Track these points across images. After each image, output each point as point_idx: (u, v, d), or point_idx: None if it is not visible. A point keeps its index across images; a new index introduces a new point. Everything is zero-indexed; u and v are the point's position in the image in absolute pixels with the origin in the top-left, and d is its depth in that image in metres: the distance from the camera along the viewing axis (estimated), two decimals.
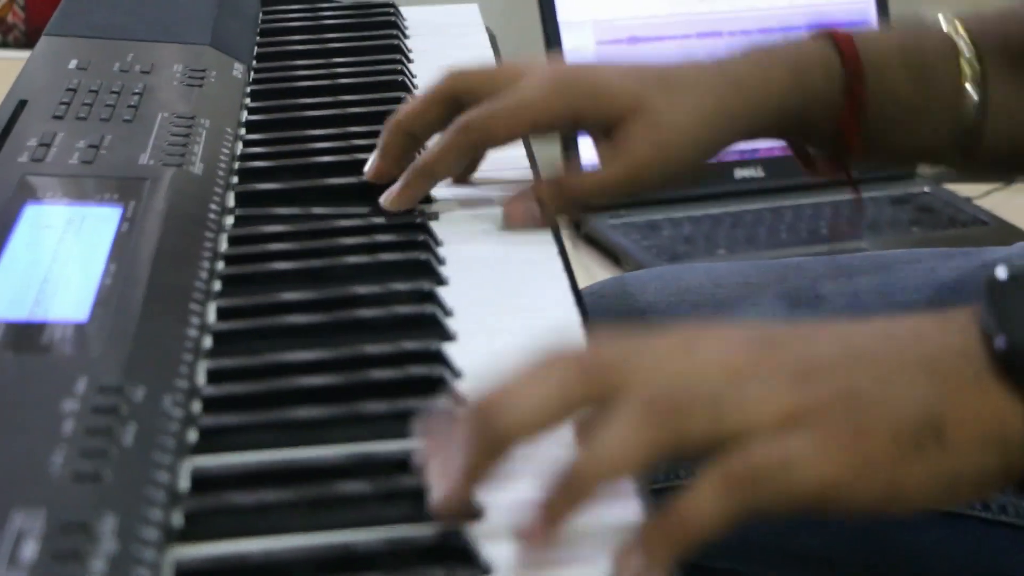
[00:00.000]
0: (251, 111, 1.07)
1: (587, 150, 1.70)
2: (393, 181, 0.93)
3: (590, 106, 0.93)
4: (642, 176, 0.94)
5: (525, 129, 0.96)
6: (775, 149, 1.82)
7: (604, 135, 0.94)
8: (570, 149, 1.68)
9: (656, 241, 1.69)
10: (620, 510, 0.62)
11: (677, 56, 0.99)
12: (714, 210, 1.75)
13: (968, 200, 1.80)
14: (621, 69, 0.97)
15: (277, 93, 1.11)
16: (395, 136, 0.94)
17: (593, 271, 1.66)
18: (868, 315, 0.67)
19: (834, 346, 0.65)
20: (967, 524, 0.99)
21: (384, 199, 0.92)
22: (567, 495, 0.60)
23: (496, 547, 0.60)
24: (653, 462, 0.61)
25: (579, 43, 1.77)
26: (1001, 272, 0.65)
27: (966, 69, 1.00)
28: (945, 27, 1.01)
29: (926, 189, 1.82)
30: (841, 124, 0.98)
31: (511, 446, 0.61)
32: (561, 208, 0.95)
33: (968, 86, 0.99)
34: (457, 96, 0.94)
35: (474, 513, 0.62)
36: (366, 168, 0.94)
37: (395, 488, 0.64)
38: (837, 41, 0.98)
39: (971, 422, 0.62)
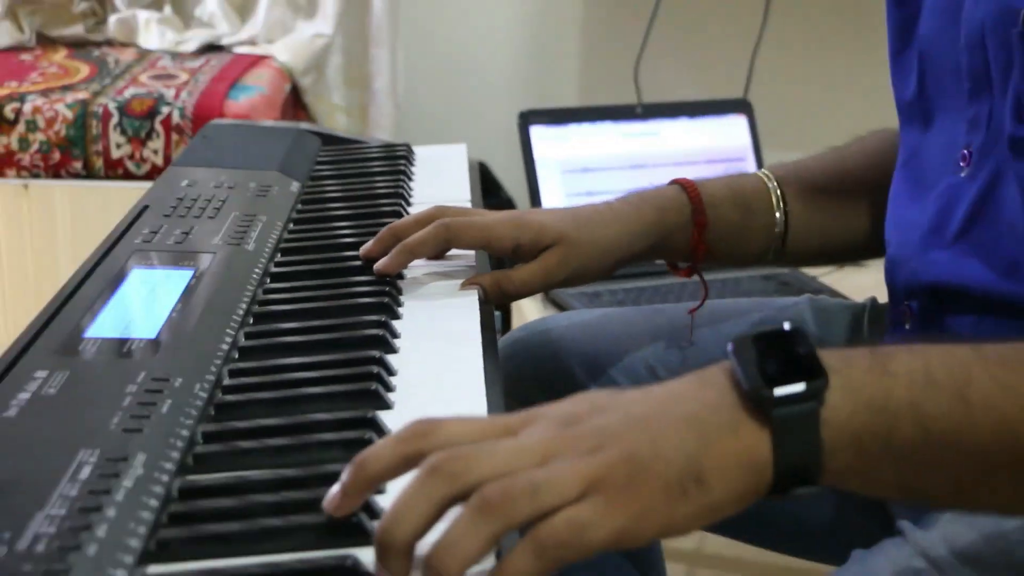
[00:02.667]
0: (296, 212, 1.08)
1: None
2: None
3: (530, 239, 0.94)
4: (552, 280, 0.95)
5: (482, 245, 0.95)
6: None
7: (529, 256, 0.95)
8: (533, 202, 1.70)
9: (598, 304, 1.68)
10: None
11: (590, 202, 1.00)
12: (643, 283, 1.74)
13: (814, 278, 1.81)
14: (550, 214, 0.97)
15: (317, 201, 1.12)
16: (389, 235, 0.94)
17: None
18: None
19: (618, 416, 0.60)
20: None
21: (376, 266, 0.92)
22: None
23: None
24: (489, 547, 0.56)
25: (550, 173, 1.78)
26: (745, 332, 0.61)
27: (775, 205, 1.03)
28: (760, 174, 1.05)
29: (786, 270, 1.81)
30: (691, 243, 1.00)
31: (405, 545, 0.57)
32: (494, 295, 0.93)
33: (776, 212, 1.03)
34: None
35: None
36: (362, 249, 0.95)
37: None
38: (687, 189, 1.00)
39: (726, 461, 0.58)
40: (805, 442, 0.58)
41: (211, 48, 2.43)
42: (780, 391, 0.58)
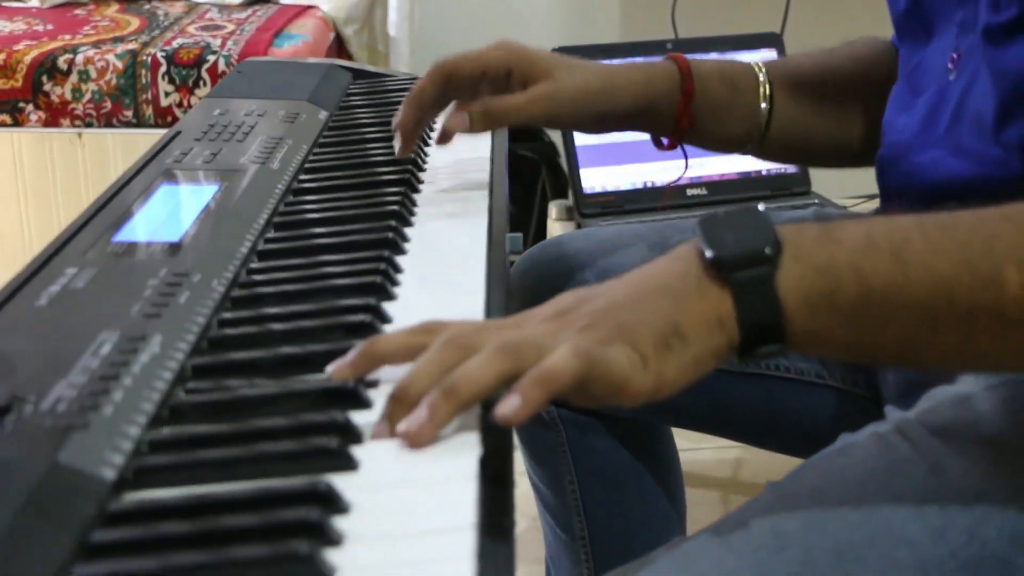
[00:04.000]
0: (322, 137, 1.12)
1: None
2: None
3: (521, 67, 0.98)
4: (536, 110, 0.99)
5: (479, 71, 0.98)
6: (715, 175, 1.87)
7: (521, 87, 0.99)
8: (568, 145, 1.77)
9: None
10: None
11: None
12: (672, 216, 1.76)
13: (844, 208, 1.82)
14: (544, 52, 1.01)
15: (343, 127, 1.16)
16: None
17: None
18: None
19: (603, 300, 0.66)
20: (767, 381, 1.05)
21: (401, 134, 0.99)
22: (447, 403, 0.61)
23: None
24: (501, 382, 0.62)
25: None
26: (710, 213, 0.67)
27: (761, 89, 1.06)
28: (751, 62, 1.09)
29: (816, 201, 1.83)
30: (677, 112, 1.03)
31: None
32: (482, 120, 0.97)
33: (761, 100, 1.06)
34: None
35: None
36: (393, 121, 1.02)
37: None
38: (677, 61, 1.04)
39: (698, 319, 0.64)
40: (762, 302, 0.64)
41: (258, 0, 2.49)
42: (736, 258, 0.64)
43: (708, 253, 0.65)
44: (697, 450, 1.99)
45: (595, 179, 1.82)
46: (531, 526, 1.83)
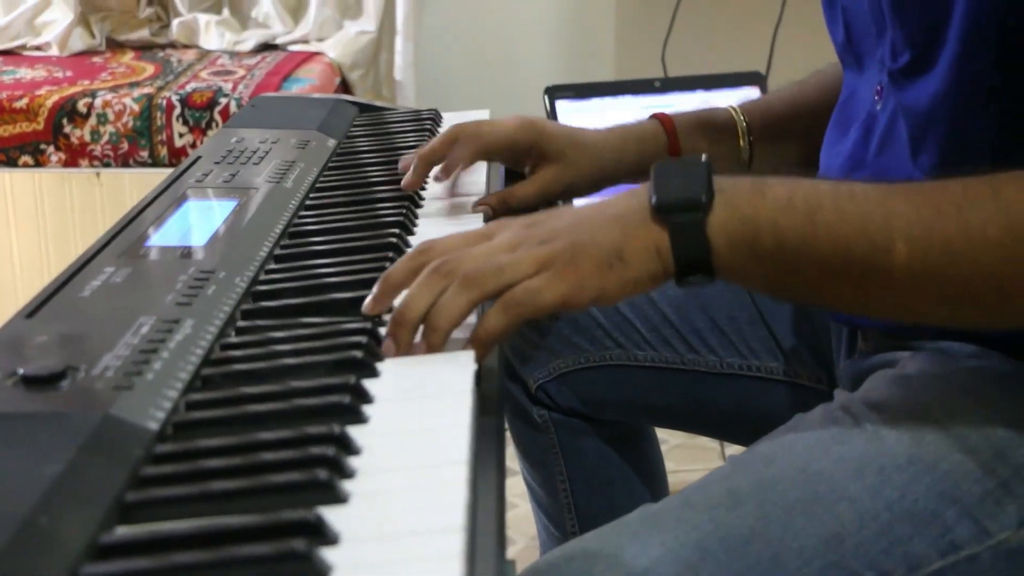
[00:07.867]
0: (331, 161, 1.22)
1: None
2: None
3: (540, 143, 1.11)
4: (548, 193, 1.11)
5: (497, 145, 1.11)
6: None
7: (537, 160, 1.11)
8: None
9: None
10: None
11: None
12: None
13: None
14: (556, 127, 1.13)
15: (349, 154, 1.26)
16: (422, 164, 1.11)
17: None
18: None
19: (566, 219, 0.79)
20: (740, 380, 1.15)
21: (404, 182, 1.10)
22: (434, 336, 0.76)
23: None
24: (471, 308, 0.76)
25: None
26: (664, 161, 0.80)
27: (739, 129, 1.17)
28: (730, 107, 1.19)
29: None
30: None
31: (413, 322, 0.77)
32: (500, 210, 1.08)
33: (742, 142, 1.17)
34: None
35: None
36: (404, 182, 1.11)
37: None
38: (663, 122, 1.15)
39: (640, 245, 0.77)
40: (693, 240, 0.77)
41: (267, 47, 2.61)
42: (675, 203, 0.77)
43: (653, 198, 0.78)
44: (688, 472, 2.08)
45: None
46: (529, 545, 1.92)
